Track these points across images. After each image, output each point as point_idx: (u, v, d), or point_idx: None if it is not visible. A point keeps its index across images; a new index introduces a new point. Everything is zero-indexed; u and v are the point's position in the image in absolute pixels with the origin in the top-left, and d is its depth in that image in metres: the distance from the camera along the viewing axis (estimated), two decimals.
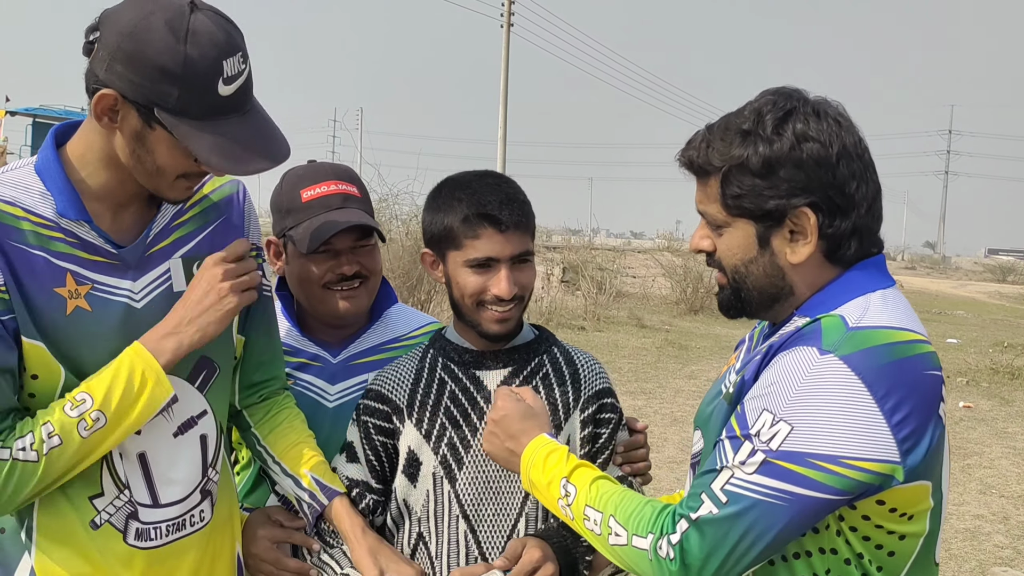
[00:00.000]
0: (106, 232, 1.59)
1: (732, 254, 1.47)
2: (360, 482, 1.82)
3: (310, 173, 2.04)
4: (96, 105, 1.48)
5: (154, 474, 1.65)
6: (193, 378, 1.69)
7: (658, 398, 9.29)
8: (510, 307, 1.75)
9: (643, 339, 13.65)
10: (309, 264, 1.97)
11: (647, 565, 1.38)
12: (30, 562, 1.60)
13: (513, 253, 1.74)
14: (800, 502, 1.30)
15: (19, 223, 1.53)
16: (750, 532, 1.31)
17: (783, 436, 1.31)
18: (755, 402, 1.36)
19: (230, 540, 1.83)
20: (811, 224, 1.40)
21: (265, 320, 1.86)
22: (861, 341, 1.33)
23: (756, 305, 1.49)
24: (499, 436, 1.64)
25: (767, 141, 1.39)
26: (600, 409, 1.85)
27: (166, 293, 1.65)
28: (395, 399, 1.82)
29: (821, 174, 1.39)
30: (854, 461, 1.28)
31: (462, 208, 1.74)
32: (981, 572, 5.22)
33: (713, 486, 1.35)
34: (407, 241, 11.42)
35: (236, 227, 1.78)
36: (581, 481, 1.51)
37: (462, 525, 1.76)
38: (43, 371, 1.55)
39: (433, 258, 1.82)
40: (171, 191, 1.59)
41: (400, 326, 2.11)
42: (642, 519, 1.40)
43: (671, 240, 24.38)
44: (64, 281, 1.55)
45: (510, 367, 1.82)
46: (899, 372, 1.31)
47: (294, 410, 1.90)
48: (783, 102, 1.42)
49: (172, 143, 1.50)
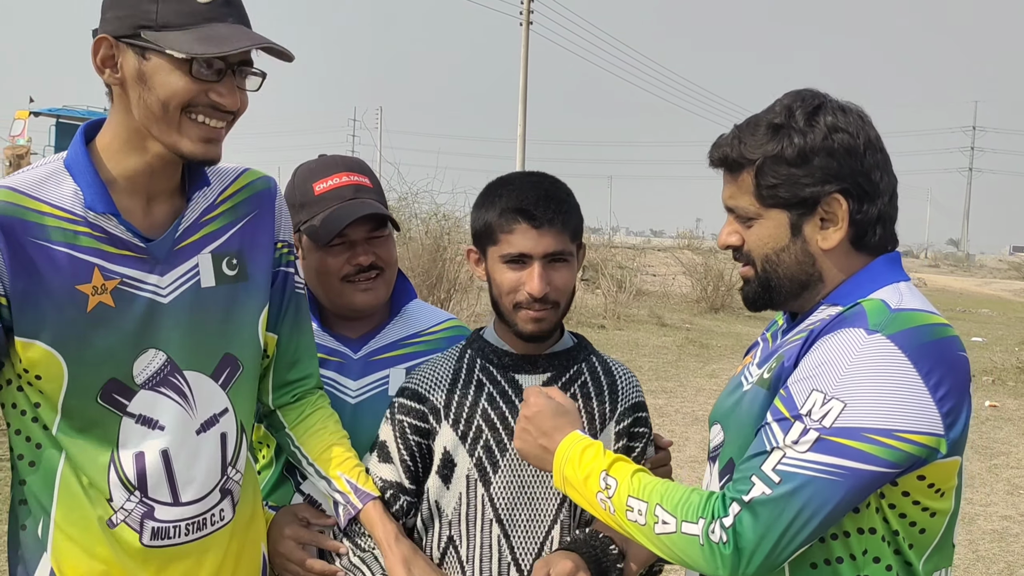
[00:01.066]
0: (135, 226, 1.58)
1: (763, 244, 1.54)
2: (394, 483, 1.80)
3: (321, 166, 2.03)
4: (95, 56, 1.52)
5: (176, 471, 1.63)
6: (217, 375, 1.68)
7: (679, 397, 9.25)
8: (545, 308, 1.73)
9: (663, 338, 13.59)
10: (325, 257, 1.96)
11: (697, 551, 1.39)
12: (48, 561, 1.59)
13: (546, 251, 1.72)
14: (855, 476, 1.34)
15: (43, 219, 1.53)
16: (805, 510, 1.34)
17: (836, 413, 1.35)
18: (802, 384, 1.40)
19: (254, 540, 1.81)
20: (843, 210, 1.49)
21: (298, 318, 1.85)
22: (905, 321, 1.40)
23: (786, 293, 1.55)
24: (532, 433, 1.63)
25: (801, 132, 1.48)
26: (635, 423, 1.84)
27: (194, 288, 1.64)
28: (432, 399, 1.80)
29: (851, 162, 1.48)
30: (906, 434, 1.34)
31: (500, 203, 1.75)
32: (1010, 573, 5.14)
33: (764, 467, 1.38)
34: (426, 240, 11.42)
35: (267, 223, 1.77)
36: (621, 474, 1.51)
37: (495, 529, 1.74)
38: (46, 372, 1.54)
39: (477, 255, 1.83)
40: (183, 138, 1.53)
41: (420, 321, 2.09)
42: (691, 505, 1.42)
43: (691, 238, 24.29)
44: (91, 276, 1.54)
45: (549, 372, 1.81)
46: (939, 351, 1.39)
47: (328, 410, 1.88)
48: (811, 98, 1.52)
49: (166, 66, 1.49)
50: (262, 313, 1.75)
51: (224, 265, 1.68)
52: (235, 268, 1.70)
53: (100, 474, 1.58)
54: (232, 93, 1.54)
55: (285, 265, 1.82)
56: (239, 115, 1.60)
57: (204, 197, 1.69)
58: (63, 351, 1.53)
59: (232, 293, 1.69)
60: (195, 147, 1.55)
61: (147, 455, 1.60)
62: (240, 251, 1.71)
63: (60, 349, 1.52)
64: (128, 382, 1.58)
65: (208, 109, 1.53)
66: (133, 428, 1.59)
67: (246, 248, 1.72)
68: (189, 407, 1.63)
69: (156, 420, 1.61)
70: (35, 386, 1.55)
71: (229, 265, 1.69)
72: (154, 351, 1.60)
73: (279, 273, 1.80)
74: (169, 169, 1.62)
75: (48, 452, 1.59)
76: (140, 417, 1.60)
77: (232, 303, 1.69)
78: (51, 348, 1.52)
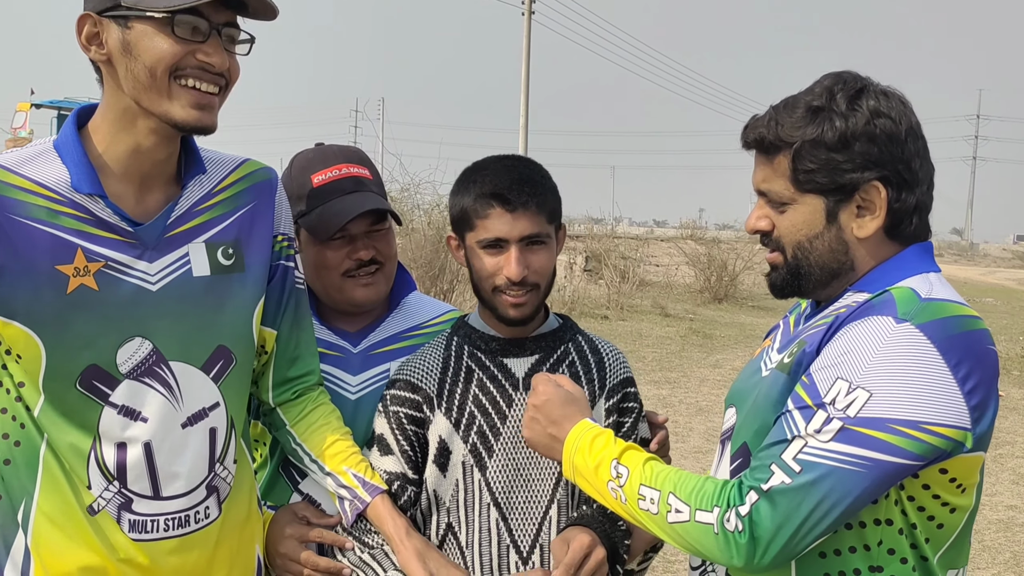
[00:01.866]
0: (124, 210, 1.55)
1: (796, 230, 1.49)
2: (399, 475, 1.79)
3: (319, 157, 1.98)
4: (80, 34, 1.51)
5: (158, 465, 1.59)
6: (208, 367, 1.64)
7: (682, 387, 9.21)
8: (524, 292, 1.74)
9: (667, 328, 13.56)
10: (324, 251, 1.92)
11: (711, 540, 1.36)
12: (25, 542, 1.56)
13: (522, 234, 1.73)
14: (878, 467, 1.31)
15: (24, 195, 1.51)
16: (825, 501, 1.31)
17: (862, 403, 1.32)
18: (827, 372, 1.37)
19: (249, 542, 1.76)
20: (881, 198, 1.44)
21: (298, 314, 1.82)
22: (935, 311, 1.37)
23: (815, 282, 1.51)
24: (540, 422, 1.62)
25: (843, 116, 1.43)
26: (624, 398, 1.86)
27: (184, 278, 1.61)
28: (425, 388, 1.80)
29: (892, 149, 1.43)
30: (933, 426, 1.31)
31: (475, 189, 1.76)
32: (1016, 563, 5.12)
33: (784, 456, 1.34)
34: (429, 231, 11.40)
35: (266, 214, 1.74)
36: (633, 462, 1.49)
37: (493, 513, 1.75)
38: (24, 352, 1.51)
39: (456, 241, 1.84)
40: (173, 104, 1.51)
41: (420, 314, 2.06)
42: (705, 494, 1.39)
43: (694, 228, 24.22)
44: (72, 257, 1.51)
45: (537, 355, 1.82)
46: (969, 343, 1.35)
47: (329, 406, 1.85)
48: (853, 81, 1.46)
49: (149, 31, 1.48)
50: (257, 306, 1.72)
51: (220, 255, 1.65)
52: (231, 258, 1.67)
53: (80, 462, 1.55)
54: (219, 52, 1.52)
55: (285, 259, 1.78)
56: (232, 81, 1.58)
57: (200, 185, 1.66)
58: (40, 333, 1.50)
59: (226, 284, 1.66)
60: (187, 113, 1.52)
61: (129, 447, 1.57)
62: (237, 241, 1.68)
63: (37, 330, 1.50)
64: (111, 370, 1.55)
65: (197, 71, 1.51)
66: (115, 419, 1.56)
67: (243, 238, 1.69)
68: (175, 399, 1.60)
69: (139, 412, 1.57)
70: (18, 365, 1.53)
71: (225, 255, 1.66)
72: (140, 340, 1.57)
73: (279, 267, 1.77)
74: (161, 150, 1.58)
75: (31, 433, 1.56)
76: (123, 408, 1.57)
77: (226, 294, 1.66)
78: (28, 328, 1.50)
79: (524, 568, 1.74)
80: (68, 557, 1.56)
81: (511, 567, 1.74)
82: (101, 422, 1.56)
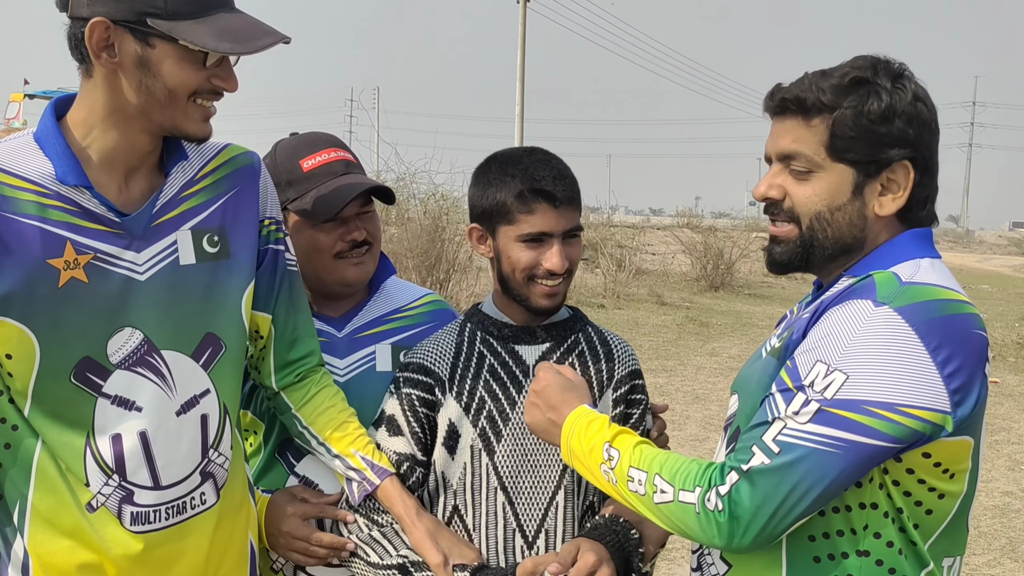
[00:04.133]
0: (110, 200, 1.55)
1: (818, 199, 1.47)
2: (408, 456, 1.81)
3: (305, 142, 2.00)
4: (91, 39, 1.48)
5: (155, 453, 1.59)
6: (198, 355, 1.64)
7: (679, 375, 9.23)
8: (559, 281, 1.77)
9: (663, 316, 13.56)
10: (317, 235, 1.93)
11: (694, 520, 1.38)
12: (23, 545, 1.56)
13: (566, 228, 1.77)
14: (855, 449, 1.32)
15: (11, 191, 1.49)
16: (803, 481, 1.32)
17: (838, 385, 1.33)
18: (807, 355, 1.39)
19: (242, 529, 1.77)
20: (908, 178, 1.45)
21: (292, 296, 1.82)
22: (914, 295, 1.37)
23: (826, 256, 1.50)
24: (540, 407, 1.65)
25: (888, 92, 1.44)
26: (632, 390, 1.88)
27: (172, 266, 1.60)
28: (438, 371, 1.83)
29: (924, 134, 1.45)
30: (909, 408, 1.31)
31: (516, 184, 1.76)
32: (1012, 549, 5.14)
33: (764, 437, 1.36)
34: (425, 220, 11.37)
35: (251, 199, 1.74)
36: (624, 445, 1.51)
37: (500, 497, 1.78)
38: (16, 350, 1.50)
39: (481, 232, 1.84)
40: (188, 121, 1.56)
41: (400, 297, 2.09)
42: (688, 474, 1.41)
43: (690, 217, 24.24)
44: (62, 251, 1.50)
45: (548, 343, 1.84)
46: (950, 326, 1.35)
47: (333, 388, 1.86)
48: (893, 62, 1.48)
49: (176, 55, 1.49)
50: (246, 292, 1.72)
51: (205, 242, 1.65)
52: (216, 245, 1.67)
53: (76, 459, 1.55)
54: (232, 77, 1.56)
55: (274, 243, 1.78)
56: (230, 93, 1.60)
57: (183, 172, 1.66)
58: (34, 328, 1.49)
59: (213, 271, 1.66)
60: (199, 128, 1.57)
61: (125, 438, 1.57)
62: (222, 228, 1.68)
63: (31, 326, 1.49)
64: (103, 361, 1.55)
65: (210, 94, 1.56)
66: (109, 410, 1.56)
67: (228, 225, 1.69)
68: (168, 388, 1.60)
69: (133, 401, 1.57)
70: (5, 367, 1.52)
71: (210, 242, 1.66)
72: (130, 330, 1.57)
73: (268, 251, 1.77)
74: (148, 146, 1.59)
75: (24, 435, 1.55)
76: (116, 398, 1.56)
77: (213, 281, 1.66)
78: (22, 325, 1.49)
79: (529, 552, 1.76)
80: (65, 556, 1.56)
81: (516, 551, 1.77)
82: (95, 414, 1.55)
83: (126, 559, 1.59)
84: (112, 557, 1.58)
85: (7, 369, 1.51)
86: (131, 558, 1.59)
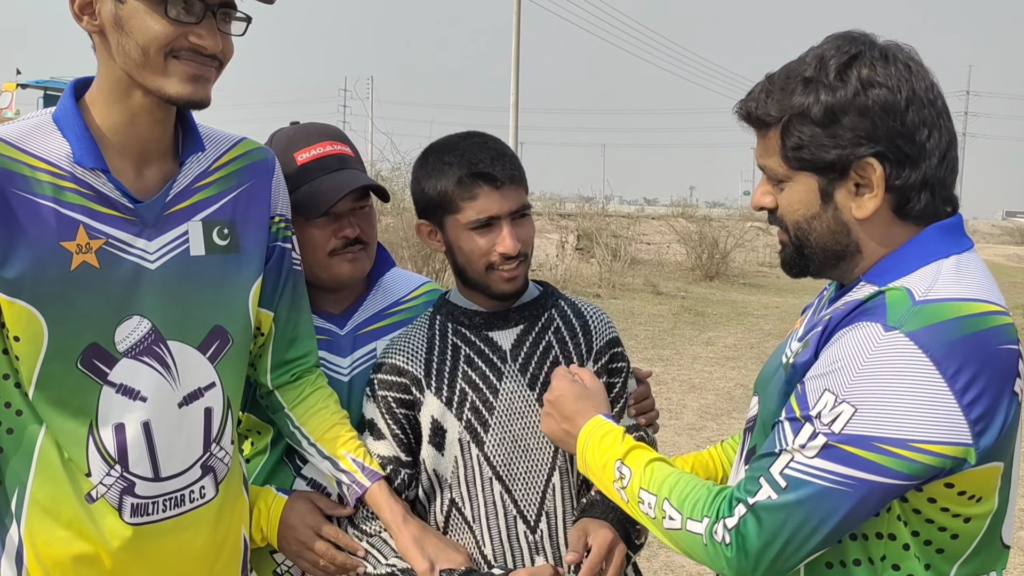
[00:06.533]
0: (125, 186, 1.53)
1: (794, 210, 1.39)
2: (391, 458, 1.79)
3: (301, 135, 1.96)
4: (72, 2, 1.48)
5: (157, 445, 1.58)
6: (205, 348, 1.63)
7: (675, 365, 9.24)
8: (516, 264, 1.74)
9: (659, 306, 13.58)
10: (310, 230, 1.89)
11: (702, 550, 1.34)
12: (19, 533, 1.55)
13: (512, 208, 1.73)
14: (865, 487, 1.23)
15: (29, 171, 1.48)
16: (810, 519, 1.25)
17: (846, 418, 1.23)
18: (816, 381, 1.29)
19: (237, 524, 1.76)
20: (877, 176, 1.31)
21: (295, 295, 1.81)
22: (929, 316, 1.24)
23: (820, 263, 1.42)
24: (555, 417, 1.62)
25: (829, 88, 1.31)
26: (612, 359, 1.85)
27: (183, 256, 1.59)
28: (412, 370, 1.79)
29: (888, 122, 1.30)
30: (923, 444, 1.21)
31: (454, 171, 1.72)
32: None
33: (772, 470, 1.28)
34: None
35: (263, 195, 1.72)
36: (636, 463, 1.47)
37: (496, 486, 1.75)
38: (25, 333, 1.49)
39: (430, 228, 1.80)
40: (168, 80, 1.49)
41: (398, 289, 2.07)
42: (696, 502, 1.35)
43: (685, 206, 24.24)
44: (75, 234, 1.49)
45: (522, 325, 1.81)
46: (970, 347, 1.22)
47: (327, 390, 1.85)
48: (848, 46, 1.33)
49: (142, 9, 1.46)
50: (253, 287, 1.70)
51: (215, 234, 1.63)
52: (226, 238, 1.65)
53: (79, 448, 1.54)
54: (212, 35, 1.50)
55: (282, 240, 1.77)
56: (226, 61, 1.56)
57: (198, 162, 1.65)
58: (44, 311, 1.48)
59: (223, 264, 1.65)
60: (181, 87, 1.50)
61: (128, 427, 1.56)
62: (232, 221, 1.66)
63: (41, 308, 1.48)
64: (110, 348, 1.54)
65: (190, 53, 1.50)
66: (114, 398, 1.55)
67: (239, 219, 1.67)
68: (171, 379, 1.59)
69: (138, 391, 1.56)
70: (13, 350, 1.50)
71: (220, 235, 1.65)
72: (139, 318, 1.56)
73: (275, 248, 1.76)
74: (157, 123, 1.57)
75: (27, 420, 1.54)
76: (121, 387, 1.55)
77: (223, 274, 1.65)
78: (32, 306, 1.47)
79: (533, 536, 1.75)
80: (62, 546, 1.55)
81: (519, 537, 1.75)
82: (100, 402, 1.54)
83: (123, 551, 1.57)
84: (109, 549, 1.57)
85: (15, 352, 1.51)
86: (128, 551, 1.58)
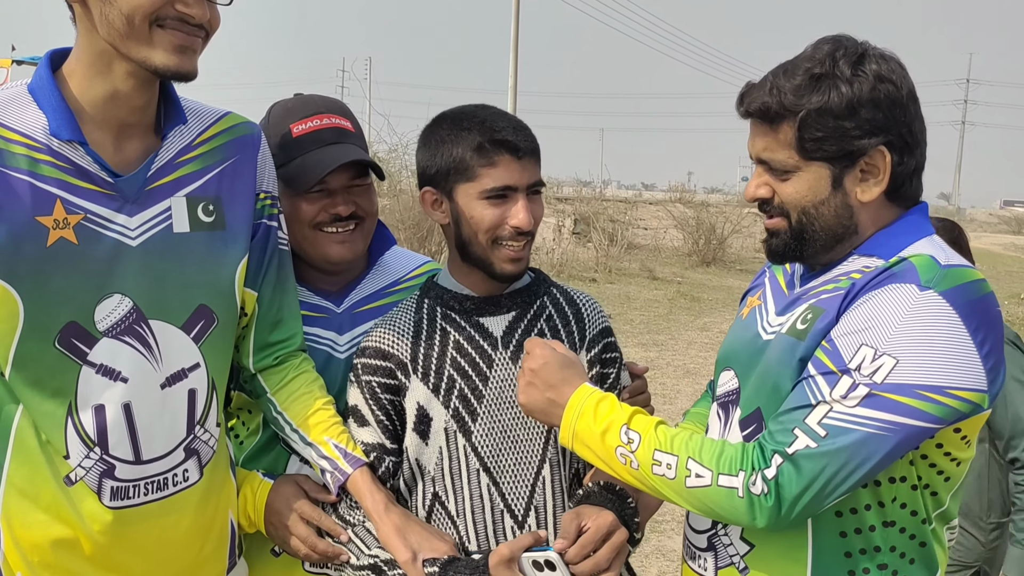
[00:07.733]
0: (104, 159, 1.49)
1: (801, 196, 1.49)
2: (376, 445, 1.73)
3: (299, 106, 1.91)
4: None
5: (138, 427, 1.54)
6: (189, 327, 1.59)
7: (670, 350, 9.25)
8: (524, 243, 1.69)
9: (655, 291, 13.58)
10: (300, 203, 1.85)
11: (735, 503, 1.40)
12: None
13: (530, 182, 1.68)
14: (903, 431, 1.35)
15: (4, 144, 1.45)
16: (849, 463, 1.35)
17: (888, 369, 1.35)
18: (850, 338, 1.39)
19: (224, 507, 1.72)
20: (885, 162, 1.45)
21: (280, 275, 1.76)
22: (955, 278, 1.40)
23: (819, 246, 1.52)
24: (538, 386, 1.59)
25: (848, 82, 1.43)
26: (605, 348, 1.81)
27: (165, 233, 1.55)
28: (398, 354, 1.73)
29: (896, 113, 1.45)
30: (957, 391, 1.35)
31: (473, 136, 1.65)
32: None
33: (808, 421, 1.38)
34: (417, 191, 11.32)
35: (248, 171, 1.68)
36: (643, 427, 1.50)
37: (483, 479, 1.69)
38: (1, 309, 1.44)
39: (435, 196, 1.73)
40: (153, 50, 1.45)
41: (397, 268, 2.02)
42: (727, 458, 1.42)
43: (683, 191, 24.20)
44: (51, 209, 1.45)
45: (514, 311, 1.75)
46: (984, 307, 1.39)
47: (312, 374, 1.79)
48: (853, 46, 1.46)
49: None
50: (239, 265, 1.66)
51: (200, 211, 1.59)
52: (212, 215, 1.61)
53: (57, 429, 1.50)
54: (200, 3, 1.47)
55: (268, 218, 1.73)
56: (212, 31, 1.52)
57: (180, 136, 1.61)
58: (19, 288, 1.44)
59: (208, 241, 1.60)
60: (168, 58, 1.47)
61: (108, 408, 1.52)
62: (218, 198, 1.62)
63: (16, 285, 1.44)
64: (90, 328, 1.50)
65: (176, 23, 1.46)
66: (93, 379, 1.51)
67: (224, 195, 1.63)
68: (153, 359, 1.55)
69: (119, 371, 1.52)
70: None
71: (205, 211, 1.61)
72: (119, 296, 1.52)
73: (260, 226, 1.72)
74: (139, 96, 1.52)
75: (4, 401, 1.50)
76: (101, 367, 1.51)
77: (209, 252, 1.61)
78: (6, 284, 1.44)
79: (521, 531, 1.68)
80: (40, 530, 1.52)
81: (507, 532, 1.69)
82: (79, 383, 1.50)
83: (103, 535, 1.54)
84: (88, 533, 1.53)
85: None
86: (108, 535, 1.54)
